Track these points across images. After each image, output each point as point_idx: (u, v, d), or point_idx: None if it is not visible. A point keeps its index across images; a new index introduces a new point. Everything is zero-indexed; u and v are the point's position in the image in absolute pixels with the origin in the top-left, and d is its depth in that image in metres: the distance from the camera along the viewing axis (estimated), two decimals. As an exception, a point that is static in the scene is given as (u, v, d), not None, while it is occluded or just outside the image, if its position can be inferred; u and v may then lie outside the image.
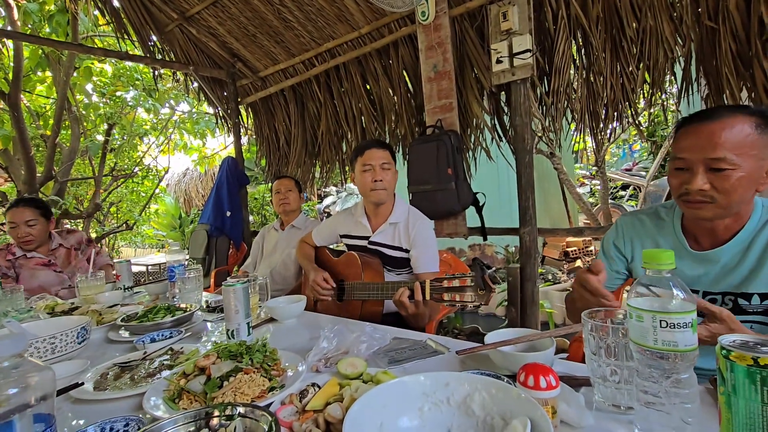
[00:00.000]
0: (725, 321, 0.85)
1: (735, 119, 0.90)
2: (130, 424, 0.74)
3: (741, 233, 0.98)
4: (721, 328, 0.85)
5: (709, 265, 1.02)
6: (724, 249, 0.99)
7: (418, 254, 1.67)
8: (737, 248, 0.99)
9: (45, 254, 2.29)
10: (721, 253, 1.00)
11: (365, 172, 1.70)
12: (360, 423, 0.56)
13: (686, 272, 1.05)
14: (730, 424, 0.51)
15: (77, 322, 1.18)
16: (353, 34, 2.94)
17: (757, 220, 0.99)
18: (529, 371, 0.64)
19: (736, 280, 0.99)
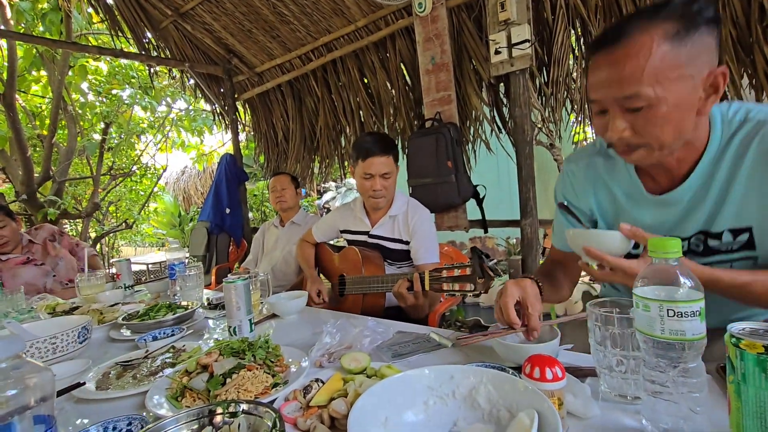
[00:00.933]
0: None
1: (643, 36, 0.71)
2: (133, 423, 0.74)
3: (700, 165, 0.84)
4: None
5: (671, 207, 0.89)
6: (684, 187, 0.86)
7: (418, 245, 1.67)
8: (699, 182, 0.85)
9: (21, 254, 2.29)
10: (682, 193, 0.86)
11: (365, 180, 1.66)
12: (365, 418, 0.56)
13: (646, 220, 0.92)
14: (740, 412, 0.50)
15: (78, 322, 1.17)
16: (349, 28, 2.92)
17: (718, 143, 0.83)
18: (534, 363, 0.63)
19: (702, 219, 0.86)
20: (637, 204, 0.93)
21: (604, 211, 1.01)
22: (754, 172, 0.80)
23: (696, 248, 0.89)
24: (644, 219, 0.92)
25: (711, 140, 0.83)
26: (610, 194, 0.98)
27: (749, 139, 0.80)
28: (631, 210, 0.94)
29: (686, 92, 0.73)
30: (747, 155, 0.80)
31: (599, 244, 0.79)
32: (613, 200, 0.98)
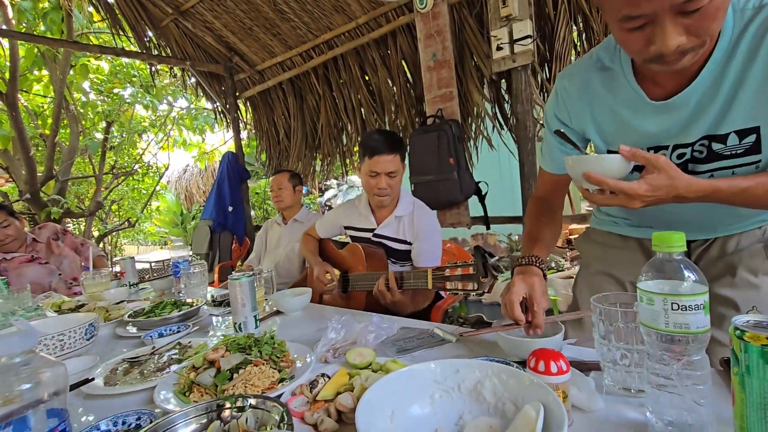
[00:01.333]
0: (663, 169, 0.74)
1: None
2: (142, 417, 0.74)
3: (710, 62, 0.77)
4: (660, 178, 0.74)
5: (676, 112, 0.83)
6: (691, 89, 0.80)
7: (420, 248, 1.67)
8: (708, 81, 0.79)
9: (26, 252, 2.30)
10: (689, 95, 0.80)
11: (371, 177, 1.65)
12: (372, 411, 0.56)
13: (650, 129, 0.87)
14: (744, 404, 0.51)
15: (85, 319, 1.18)
16: (350, 25, 2.91)
17: (729, 36, 0.75)
18: (539, 357, 0.64)
19: (709, 121, 0.81)
20: (640, 114, 0.87)
21: (603, 129, 0.95)
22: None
23: (699, 155, 0.85)
24: (648, 128, 0.87)
25: (722, 33, 0.75)
26: (610, 110, 0.91)
27: (765, 29, 0.73)
28: (633, 121, 0.89)
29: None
30: (762, 47, 0.73)
31: (599, 168, 0.77)
32: (614, 115, 0.92)
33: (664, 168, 0.74)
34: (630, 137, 0.90)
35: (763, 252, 0.93)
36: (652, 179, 0.74)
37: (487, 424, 0.58)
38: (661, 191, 0.75)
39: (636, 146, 0.83)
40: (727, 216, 0.94)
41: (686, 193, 0.76)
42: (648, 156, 0.74)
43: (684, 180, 0.75)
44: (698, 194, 0.76)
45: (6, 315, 1.35)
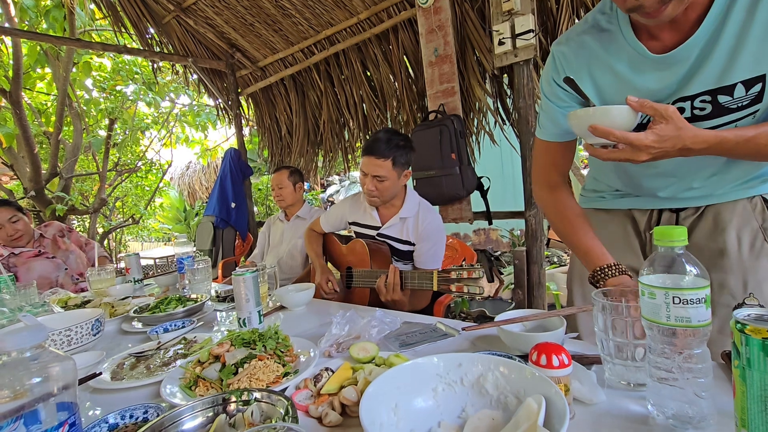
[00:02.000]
0: (672, 119, 0.73)
1: None
2: (149, 411, 0.76)
3: (711, 11, 0.76)
4: (668, 129, 0.73)
5: (677, 66, 0.82)
6: (692, 40, 0.78)
7: (423, 250, 1.66)
8: (709, 31, 0.77)
9: (33, 247, 2.33)
10: (691, 46, 0.79)
11: (362, 176, 1.65)
12: (376, 404, 0.57)
13: (651, 86, 0.85)
14: (745, 396, 0.51)
15: (91, 315, 1.20)
16: (352, 21, 2.91)
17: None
18: (541, 350, 0.64)
19: (714, 72, 0.79)
20: (640, 70, 0.87)
21: (603, 91, 0.94)
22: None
23: (700, 112, 0.84)
24: (648, 85, 0.86)
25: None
26: (610, 70, 0.90)
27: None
28: (633, 79, 0.88)
29: None
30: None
31: (606, 120, 0.75)
32: (613, 75, 0.90)
33: (672, 118, 0.73)
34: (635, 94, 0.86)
35: (760, 233, 0.92)
36: (660, 129, 0.73)
37: (489, 417, 0.59)
38: (667, 142, 0.74)
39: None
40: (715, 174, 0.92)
41: (692, 144, 0.75)
42: (656, 105, 0.73)
43: (691, 131, 0.74)
44: (704, 145, 0.75)
45: (13, 311, 1.37)
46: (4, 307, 1.36)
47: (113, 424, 0.73)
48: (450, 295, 1.78)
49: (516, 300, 2.22)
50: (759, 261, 0.91)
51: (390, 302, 1.41)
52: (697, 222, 0.98)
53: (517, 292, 2.21)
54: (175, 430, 0.62)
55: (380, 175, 1.59)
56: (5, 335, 0.48)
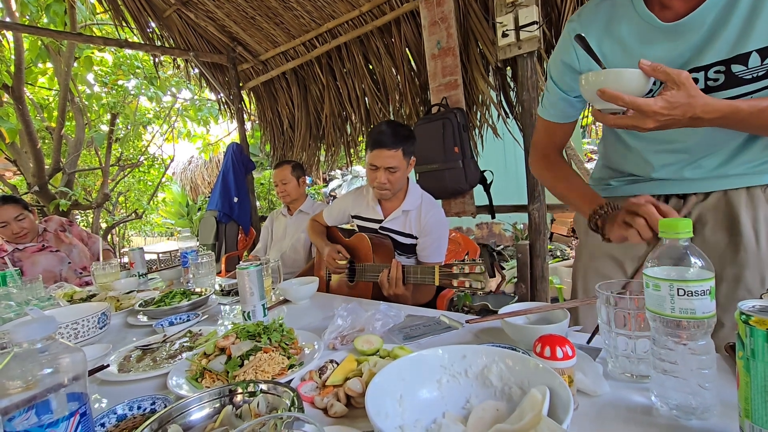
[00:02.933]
0: (684, 85, 0.70)
1: None
2: (156, 402, 0.77)
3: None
4: (679, 95, 0.71)
5: (689, 34, 0.80)
6: (707, 5, 0.77)
7: (426, 243, 1.66)
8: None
9: (37, 242, 2.35)
10: (704, 13, 0.77)
11: (371, 170, 1.64)
12: (381, 395, 0.58)
13: (660, 55, 0.83)
14: (748, 387, 0.51)
15: (97, 308, 1.21)
16: (353, 13, 2.89)
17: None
18: (545, 342, 0.64)
19: (729, 41, 0.77)
20: (649, 41, 0.85)
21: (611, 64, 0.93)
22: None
23: (714, 83, 0.82)
24: (659, 55, 0.84)
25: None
26: (619, 42, 0.90)
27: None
28: (643, 50, 0.87)
29: None
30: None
31: (617, 84, 0.73)
32: (623, 47, 0.90)
33: (685, 84, 0.70)
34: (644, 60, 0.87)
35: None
36: (671, 96, 0.71)
37: (493, 408, 0.60)
38: (677, 110, 0.72)
39: None
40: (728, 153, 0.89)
41: (703, 113, 0.72)
42: (669, 70, 0.70)
43: (702, 98, 0.71)
44: (716, 114, 0.73)
45: (20, 305, 1.38)
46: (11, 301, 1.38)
47: (122, 415, 0.74)
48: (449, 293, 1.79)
49: (519, 293, 2.22)
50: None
51: (392, 296, 1.42)
52: (707, 211, 0.94)
53: (520, 285, 2.21)
54: (182, 420, 0.63)
55: (392, 166, 1.60)
56: (17, 327, 0.49)
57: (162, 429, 0.60)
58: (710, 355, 0.59)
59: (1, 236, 2.29)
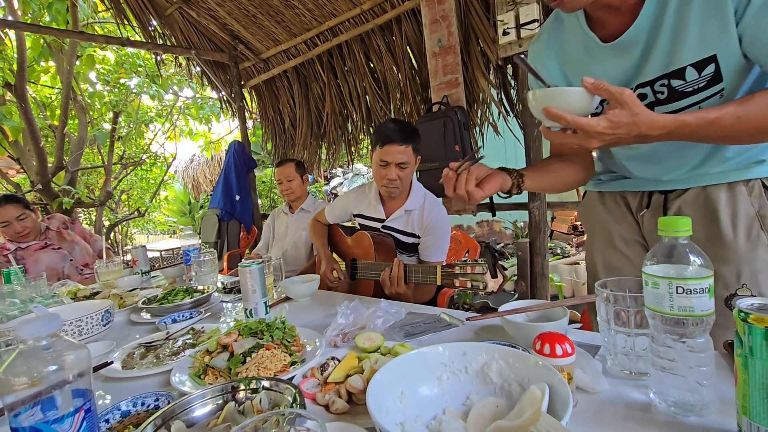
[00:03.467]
0: (627, 104, 0.70)
1: None
2: (160, 398, 0.77)
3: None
4: (622, 114, 0.71)
5: (629, 51, 0.83)
6: (637, 25, 0.80)
7: (429, 242, 1.67)
8: (651, 15, 0.78)
9: (39, 240, 2.36)
10: (637, 31, 0.80)
11: (381, 167, 1.63)
12: (382, 392, 0.58)
13: (612, 71, 0.87)
14: (746, 384, 0.52)
15: (101, 306, 1.22)
16: (355, 11, 2.88)
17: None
18: (545, 340, 0.65)
19: (663, 57, 0.80)
20: (596, 58, 0.88)
21: (571, 82, 0.97)
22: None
23: (661, 95, 0.84)
24: (608, 71, 0.87)
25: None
26: (574, 59, 0.93)
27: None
28: (594, 67, 0.90)
29: None
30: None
31: (560, 102, 0.73)
32: (577, 64, 0.93)
33: (628, 103, 0.70)
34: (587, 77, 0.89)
35: (757, 221, 0.87)
36: (613, 115, 0.71)
37: (493, 404, 0.60)
38: (621, 129, 0.72)
39: None
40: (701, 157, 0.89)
41: (648, 130, 0.72)
42: (612, 89, 0.70)
43: (647, 116, 0.71)
44: (662, 131, 0.73)
45: (25, 302, 1.39)
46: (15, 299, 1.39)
47: (126, 411, 0.75)
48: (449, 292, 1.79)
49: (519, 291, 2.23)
50: (756, 252, 0.87)
51: (394, 295, 1.42)
52: (686, 205, 0.94)
53: (520, 283, 2.21)
54: (185, 417, 0.64)
55: (403, 161, 1.61)
56: (22, 324, 0.50)
57: (165, 425, 0.61)
58: (709, 352, 0.59)
59: (3, 235, 2.30)
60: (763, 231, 0.87)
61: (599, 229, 1.12)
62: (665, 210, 0.96)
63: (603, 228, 1.10)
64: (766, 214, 0.87)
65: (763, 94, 0.72)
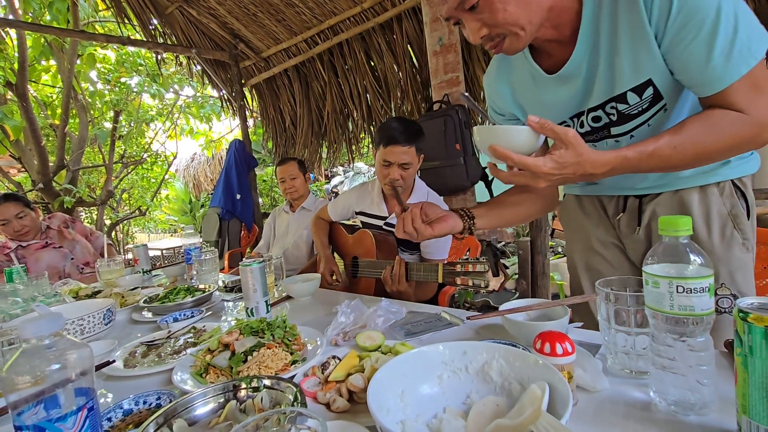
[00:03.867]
0: (572, 144, 0.71)
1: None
2: (162, 397, 0.78)
3: (581, 27, 0.79)
4: (568, 155, 0.71)
5: (573, 80, 0.85)
6: (576, 55, 0.82)
7: (431, 240, 1.66)
8: (587, 46, 0.81)
9: (40, 239, 2.36)
10: (577, 61, 0.83)
11: (384, 167, 1.63)
12: (383, 390, 0.59)
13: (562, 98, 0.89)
14: (746, 383, 0.52)
15: (103, 305, 1.22)
16: (355, 9, 2.88)
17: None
18: (545, 339, 0.65)
19: (604, 85, 0.83)
20: (544, 87, 0.91)
21: (525, 110, 1.00)
22: (632, 17, 0.74)
23: (612, 117, 0.86)
24: (555, 99, 0.90)
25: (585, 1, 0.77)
26: (525, 89, 0.96)
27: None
28: (544, 95, 0.92)
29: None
30: (619, 4, 0.75)
31: (506, 141, 0.73)
32: (526, 92, 0.96)
33: (572, 144, 0.71)
34: (548, 111, 0.93)
35: (730, 220, 0.89)
36: (559, 156, 0.71)
37: (493, 403, 0.60)
38: (568, 169, 0.72)
39: (556, 117, 0.88)
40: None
41: (593, 169, 0.73)
42: (557, 129, 0.70)
43: (591, 155, 0.72)
44: (606, 168, 0.74)
45: (27, 301, 1.40)
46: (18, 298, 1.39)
47: (128, 410, 0.75)
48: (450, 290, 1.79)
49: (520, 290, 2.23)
50: (731, 251, 0.88)
51: (395, 293, 1.43)
52: (660, 208, 0.95)
53: (521, 282, 2.22)
54: (187, 415, 0.64)
55: (406, 162, 1.61)
56: (25, 323, 0.50)
57: (167, 424, 0.61)
58: (709, 351, 0.60)
59: (3, 234, 2.31)
60: (737, 230, 0.89)
61: (578, 231, 1.14)
62: (640, 213, 0.98)
63: (581, 230, 1.12)
64: (737, 213, 0.89)
65: (693, 120, 0.74)
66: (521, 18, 0.76)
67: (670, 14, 0.71)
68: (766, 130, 0.73)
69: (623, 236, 1.04)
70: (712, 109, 0.75)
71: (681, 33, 0.71)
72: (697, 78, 0.74)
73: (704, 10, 0.69)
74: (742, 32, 0.69)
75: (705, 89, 0.74)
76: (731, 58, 0.70)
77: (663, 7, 0.71)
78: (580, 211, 1.12)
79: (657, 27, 0.73)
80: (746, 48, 0.69)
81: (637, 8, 0.73)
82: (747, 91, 0.71)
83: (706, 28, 0.69)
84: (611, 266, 1.07)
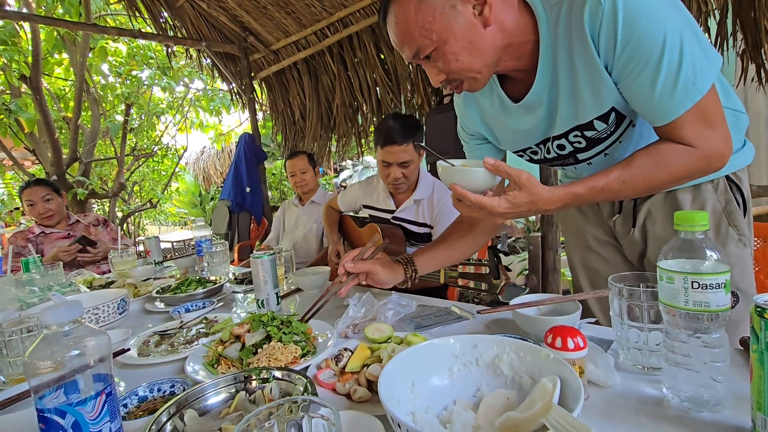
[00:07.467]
0: (525, 186, 0.75)
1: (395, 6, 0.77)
2: (175, 385, 0.79)
3: (540, 59, 0.81)
4: (521, 196, 0.75)
5: (537, 109, 0.87)
6: (537, 86, 0.84)
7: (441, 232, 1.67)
8: (547, 78, 0.82)
9: (64, 229, 2.40)
10: (539, 91, 0.84)
11: (384, 167, 1.63)
12: (393, 381, 0.59)
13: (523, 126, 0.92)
14: (762, 380, 0.51)
15: (117, 294, 1.24)
16: (365, 2, 2.86)
17: (546, 30, 0.78)
18: (556, 333, 0.65)
19: (568, 115, 0.84)
20: (510, 114, 0.93)
21: (494, 134, 1.02)
22: (584, 50, 0.75)
23: (579, 144, 0.88)
24: (524, 126, 0.92)
25: (540, 30, 0.79)
26: (492, 115, 0.98)
27: (568, 23, 0.75)
28: (510, 122, 0.94)
29: (454, 20, 0.75)
30: (574, 41, 0.76)
31: (464, 180, 0.78)
32: (494, 116, 0.98)
33: (525, 185, 0.75)
34: (515, 137, 0.96)
35: (724, 217, 0.89)
36: (513, 197, 0.76)
37: (504, 396, 0.60)
38: (522, 207, 0.77)
39: (523, 143, 0.93)
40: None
41: (546, 206, 0.77)
42: (511, 172, 0.75)
43: (543, 194, 0.76)
44: (558, 204, 0.78)
45: (43, 290, 1.43)
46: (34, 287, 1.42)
47: (143, 396, 0.77)
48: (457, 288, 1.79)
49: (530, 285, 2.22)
50: (727, 248, 0.89)
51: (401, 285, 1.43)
52: (655, 208, 0.96)
53: (532, 277, 2.21)
54: (198, 405, 0.65)
55: (405, 160, 1.60)
56: (45, 311, 0.51)
57: (179, 413, 0.62)
58: (723, 348, 0.59)
59: (30, 216, 2.35)
60: (731, 226, 0.89)
61: (575, 231, 1.16)
62: (635, 213, 0.99)
63: (578, 230, 1.14)
64: (732, 209, 0.89)
65: (642, 155, 0.77)
66: (475, 64, 0.79)
67: (615, 49, 0.72)
68: (714, 160, 0.75)
69: (619, 236, 1.06)
70: (660, 143, 0.77)
71: (627, 68, 0.73)
72: (645, 110, 0.77)
73: (648, 46, 0.70)
74: (687, 66, 0.69)
75: (654, 120, 0.77)
76: (675, 94, 0.71)
77: (609, 42, 0.72)
78: (576, 210, 1.14)
79: (606, 61, 0.75)
80: (691, 83, 0.70)
81: (587, 43, 0.74)
82: (694, 123, 0.73)
83: (651, 64, 0.70)
84: (608, 265, 1.09)
